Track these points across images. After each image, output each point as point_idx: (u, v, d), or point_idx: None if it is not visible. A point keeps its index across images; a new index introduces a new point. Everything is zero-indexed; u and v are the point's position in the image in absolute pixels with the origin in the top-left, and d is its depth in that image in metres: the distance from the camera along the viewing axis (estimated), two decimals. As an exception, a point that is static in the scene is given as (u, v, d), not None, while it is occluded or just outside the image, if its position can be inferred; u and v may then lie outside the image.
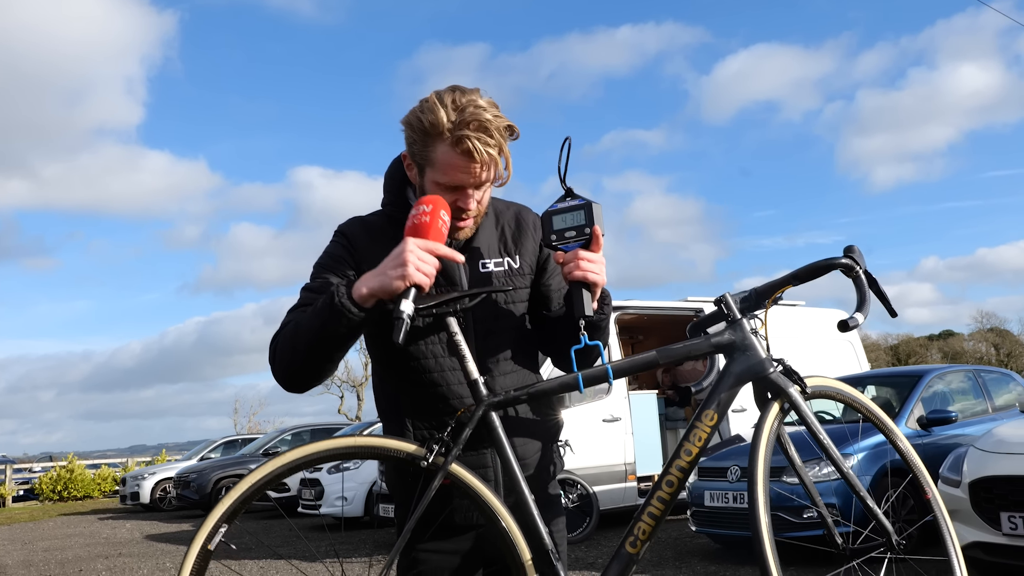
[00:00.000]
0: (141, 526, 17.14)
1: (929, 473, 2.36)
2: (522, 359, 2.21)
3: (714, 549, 8.95)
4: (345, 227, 2.21)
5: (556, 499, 2.27)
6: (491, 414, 2.00)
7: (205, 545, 1.91)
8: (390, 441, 1.99)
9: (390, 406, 2.19)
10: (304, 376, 2.06)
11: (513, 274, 2.19)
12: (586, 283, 2.05)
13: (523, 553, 1.94)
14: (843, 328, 2.08)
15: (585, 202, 2.07)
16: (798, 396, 2.08)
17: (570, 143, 2.05)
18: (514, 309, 2.19)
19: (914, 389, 8.69)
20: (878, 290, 2.17)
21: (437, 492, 1.95)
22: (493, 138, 1.98)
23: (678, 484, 2.03)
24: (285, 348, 2.03)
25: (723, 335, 2.12)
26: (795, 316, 12.89)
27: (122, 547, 13.26)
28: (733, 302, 2.13)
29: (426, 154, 2.04)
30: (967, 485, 5.76)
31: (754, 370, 2.08)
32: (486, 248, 2.18)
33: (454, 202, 2.04)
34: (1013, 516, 5.46)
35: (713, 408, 2.05)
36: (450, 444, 1.95)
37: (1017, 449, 5.74)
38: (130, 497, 21.69)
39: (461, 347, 2.00)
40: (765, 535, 1.93)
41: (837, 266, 2.13)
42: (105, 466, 31.10)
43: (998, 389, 9.55)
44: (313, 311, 1.98)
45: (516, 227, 2.24)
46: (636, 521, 2.02)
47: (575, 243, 2.06)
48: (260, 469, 1.96)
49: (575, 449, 10.01)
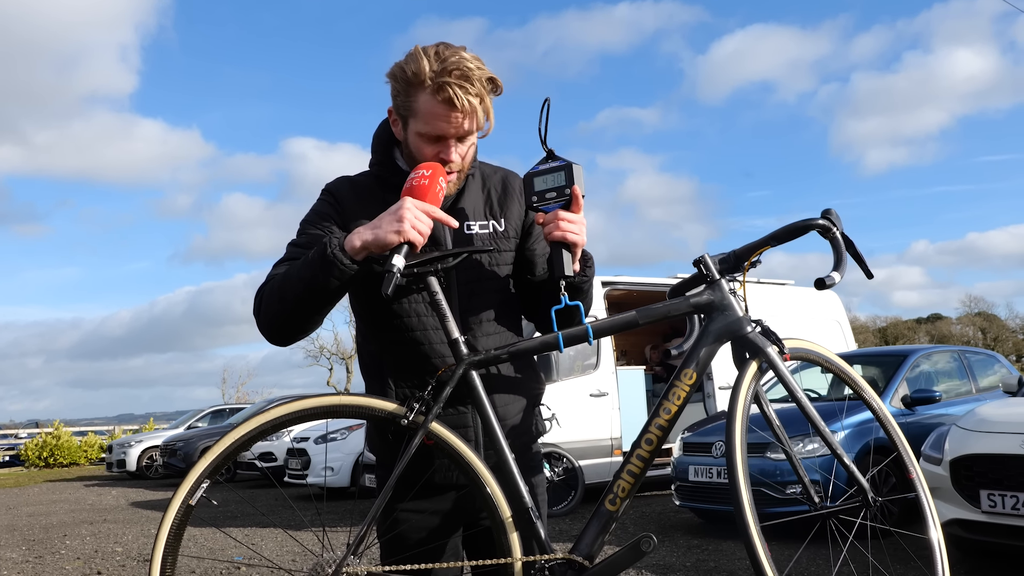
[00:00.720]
0: (127, 493, 17.17)
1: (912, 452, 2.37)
2: (505, 321, 2.22)
3: (698, 524, 9.00)
4: (333, 185, 2.22)
5: (537, 461, 2.28)
6: (472, 373, 2.01)
7: (187, 500, 1.93)
8: (372, 400, 2.00)
9: (373, 365, 2.20)
10: (290, 328, 2.08)
11: (498, 237, 2.19)
12: (566, 243, 2.07)
13: (503, 511, 1.96)
14: (819, 286, 2.08)
15: (565, 163, 2.09)
16: (776, 356, 2.09)
17: (549, 104, 2.06)
18: (498, 271, 2.19)
19: (899, 368, 8.73)
20: (855, 251, 2.18)
21: (418, 452, 1.96)
22: (474, 87, 1.99)
23: (657, 442, 2.04)
24: (272, 299, 2.04)
25: (702, 295, 2.14)
26: (783, 295, 12.93)
27: (107, 513, 13.29)
28: (712, 263, 2.15)
29: (409, 104, 2.05)
30: (948, 463, 5.79)
31: (731, 329, 2.10)
32: (471, 210, 2.19)
33: (437, 154, 2.06)
34: (992, 494, 5.51)
35: (692, 367, 2.07)
36: (430, 403, 1.97)
37: (998, 428, 5.78)
38: (116, 465, 21.70)
39: (442, 306, 2.01)
40: (743, 489, 1.92)
41: (814, 227, 2.14)
42: (92, 433, 31.09)
43: (983, 371, 9.61)
44: (304, 262, 1.99)
45: (503, 191, 2.25)
46: (616, 479, 2.03)
47: (555, 204, 2.08)
48: (243, 426, 1.97)
49: (561, 423, 10.04)
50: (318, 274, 1.95)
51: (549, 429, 2.35)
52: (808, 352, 2.26)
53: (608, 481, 2.06)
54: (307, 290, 1.98)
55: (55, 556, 9.11)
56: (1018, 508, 5.36)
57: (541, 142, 2.10)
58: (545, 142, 2.10)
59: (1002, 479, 5.49)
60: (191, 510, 1.95)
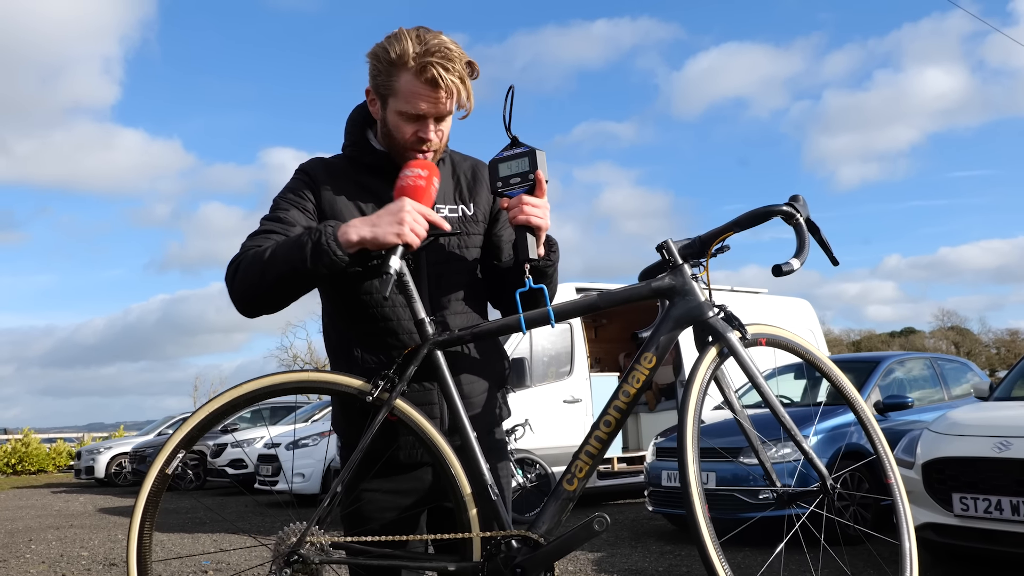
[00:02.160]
0: (94, 499, 16.93)
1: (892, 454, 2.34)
2: (473, 303, 2.25)
3: (671, 530, 8.96)
4: (307, 165, 2.26)
5: (501, 443, 2.29)
6: (436, 352, 2.05)
7: (163, 469, 2.02)
8: (338, 376, 2.07)
9: (340, 341, 2.22)
10: (264, 303, 2.11)
11: (467, 221, 2.24)
12: (530, 227, 2.09)
13: (463, 487, 2.00)
14: (776, 272, 2.07)
15: (529, 149, 2.12)
16: (737, 342, 2.08)
17: (513, 92, 2.11)
18: (466, 255, 2.23)
19: (871, 374, 8.75)
20: (820, 238, 2.17)
21: (383, 431, 2.00)
22: (456, 67, 2.04)
23: (615, 424, 2.05)
24: (252, 272, 2.05)
25: (664, 279, 2.13)
26: (756, 303, 12.95)
27: (74, 519, 13.08)
28: (675, 248, 2.14)
29: (390, 84, 2.09)
30: (920, 466, 5.79)
31: (693, 314, 2.10)
32: (441, 195, 2.21)
33: (415, 132, 2.11)
34: (964, 497, 5.50)
35: (652, 351, 2.07)
36: (395, 380, 2.01)
37: (970, 431, 5.78)
38: (84, 471, 21.40)
39: (409, 287, 2.06)
40: (692, 477, 1.94)
41: (777, 213, 2.12)
42: (61, 440, 30.66)
43: (956, 379, 9.65)
44: (294, 244, 2.01)
45: (472, 177, 2.30)
46: (574, 460, 2.06)
47: (520, 189, 2.12)
48: (217, 399, 2.06)
49: (535, 429, 9.99)
50: (308, 260, 1.97)
51: (522, 435, 2.36)
52: (777, 338, 2.22)
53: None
54: (292, 272, 2.00)
55: (19, 560, 8.95)
56: (991, 511, 5.36)
57: (505, 128, 2.14)
58: (509, 129, 2.14)
59: (975, 482, 5.49)
60: (167, 479, 2.03)
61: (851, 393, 2.33)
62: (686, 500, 1.93)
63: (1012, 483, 5.28)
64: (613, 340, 14.11)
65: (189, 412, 20.27)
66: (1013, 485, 5.27)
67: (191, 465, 18.22)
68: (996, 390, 7.01)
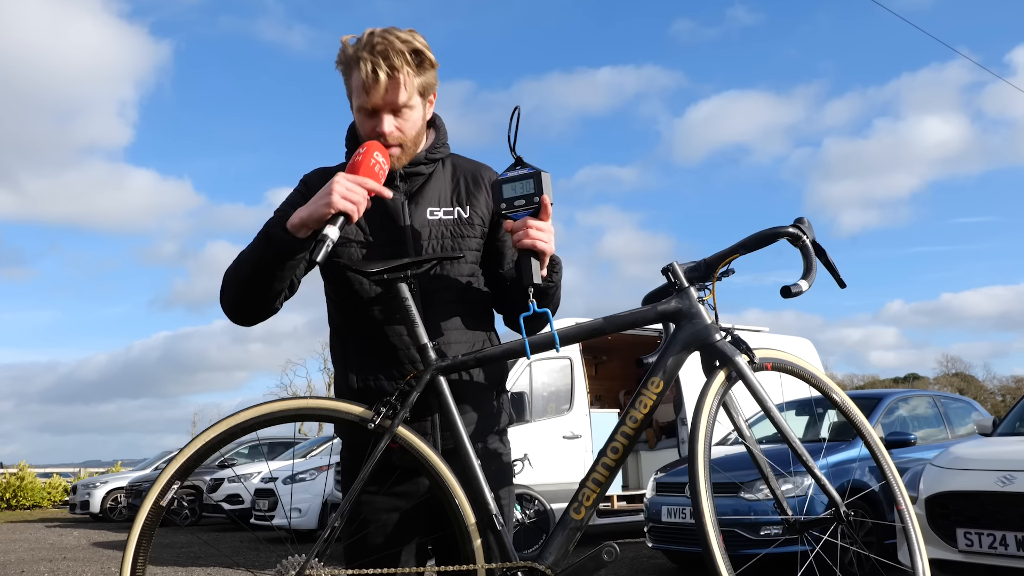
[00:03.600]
0: (89, 534, 16.75)
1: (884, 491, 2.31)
2: (472, 316, 2.22)
3: (671, 568, 8.84)
4: (307, 176, 2.30)
5: (506, 469, 2.25)
6: (439, 378, 2.03)
7: (158, 501, 1.96)
8: (338, 403, 2.04)
9: (342, 353, 2.21)
10: (246, 307, 2.15)
11: (461, 223, 2.21)
12: (535, 251, 2.06)
13: (467, 517, 1.96)
14: (785, 294, 2.04)
15: (534, 171, 2.08)
16: (745, 365, 2.04)
17: (519, 112, 2.09)
18: (464, 260, 2.20)
19: (874, 411, 8.68)
20: (827, 260, 2.14)
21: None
22: (389, 60, 2.04)
23: (623, 451, 2.02)
24: (229, 280, 2.13)
25: (670, 303, 2.10)
26: (759, 342, 12.91)
27: (67, 552, 12.93)
28: (680, 271, 2.11)
29: (348, 84, 2.14)
30: (923, 501, 5.71)
31: (700, 336, 2.06)
32: (436, 196, 2.21)
33: (373, 128, 2.12)
34: (968, 532, 5.42)
35: (659, 375, 2.04)
36: (397, 407, 1.98)
37: (973, 465, 5.72)
38: (80, 506, 21.20)
39: (412, 312, 2.03)
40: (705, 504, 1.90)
41: (784, 235, 2.10)
42: (56, 475, 30.45)
43: (959, 417, 9.57)
44: (253, 242, 2.08)
45: (472, 181, 2.27)
46: (581, 487, 2.01)
47: (524, 211, 2.08)
48: (214, 428, 2.01)
49: (534, 464, 9.90)
50: (263, 251, 2.03)
51: (521, 470, 2.34)
52: (784, 363, 2.19)
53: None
54: (253, 268, 2.05)
55: (8, 592, 8.81)
56: (995, 547, 5.28)
57: (510, 148, 2.11)
58: (514, 149, 2.11)
59: (978, 517, 5.41)
60: (162, 511, 1.96)
61: (859, 418, 2.28)
62: (700, 527, 1.89)
63: (1016, 517, 5.20)
64: (613, 377, 14.05)
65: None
66: (1017, 520, 5.20)
67: (187, 500, 18.07)
68: (999, 426, 6.94)
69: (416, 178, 2.20)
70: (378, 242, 2.15)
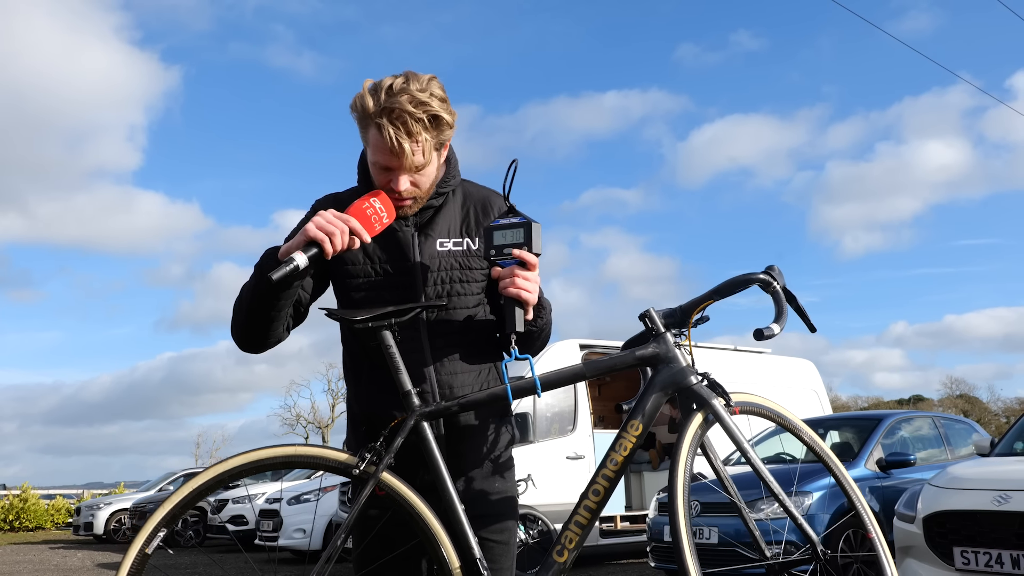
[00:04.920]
0: (93, 555, 16.76)
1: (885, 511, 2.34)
2: (476, 346, 2.27)
3: (672, 588, 8.87)
4: (319, 202, 2.35)
5: (507, 503, 2.28)
6: (423, 424, 2.08)
7: (143, 549, 1.96)
8: (325, 450, 2.09)
9: (358, 378, 2.28)
10: (253, 334, 2.22)
11: (470, 255, 2.25)
12: (519, 300, 2.13)
13: (452, 561, 2.01)
14: (758, 336, 2.12)
15: (525, 221, 2.15)
16: (722, 408, 2.10)
17: (516, 164, 2.18)
18: (470, 288, 2.25)
19: (874, 432, 8.74)
20: (797, 306, 2.23)
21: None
22: (411, 129, 2.06)
23: (604, 493, 2.08)
24: (236, 309, 2.22)
25: (647, 348, 2.17)
26: (761, 363, 12.98)
27: (72, 573, 12.97)
28: (657, 317, 2.19)
29: (364, 136, 2.18)
30: (921, 520, 5.78)
31: (676, 380, 2.13)
32: (446, 227, 2.26)
33: (387, 183, 2.16)
34: (966, 551, 5.48)
35: (639, 419, 2.10)
36: (382, 452, 2.04)
37: (970, 485, 5.78)
38: (83, 527, 21.16)
39: (396, 359, 2.10)
40: (684, 537, 1.95)
41: (755, 281, 2.19)
42: (60, 496, 30.43)
43: (959, 438, 9.62)
44: (253, 274, 2.17)
45: (482, 210, 2.31)
46: (564, 530, 2.07)
47: (512, 260, 2.14)
48: (203, 475, 2.04)
49: (537, 485, 9.95)
50: (259, 280, 2.12)
51: (525, 490, 2.40)
52: (757, 406, 2.27)
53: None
54: (252, 296, 2.14)
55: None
56: (991, 565, 5.34)
57: (504, 198, 2.20)
58: (508, 197, 2.20)
59: (975, 535, 5.47)
60: (147, 559, 1.98)
61: (823, 450, 2.35)
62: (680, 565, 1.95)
63: (1012, 536, 5.27)
64: (616, 398, 14.09)
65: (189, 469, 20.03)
66: (1013, 539, 5.26)
67: (191, 522, 18.10)
68: (997, 446, 7.01)
69: (426, 211, 2.25)
70: (388, 274, 2.21)
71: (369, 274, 2.21)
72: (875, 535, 2.28)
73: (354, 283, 2.22)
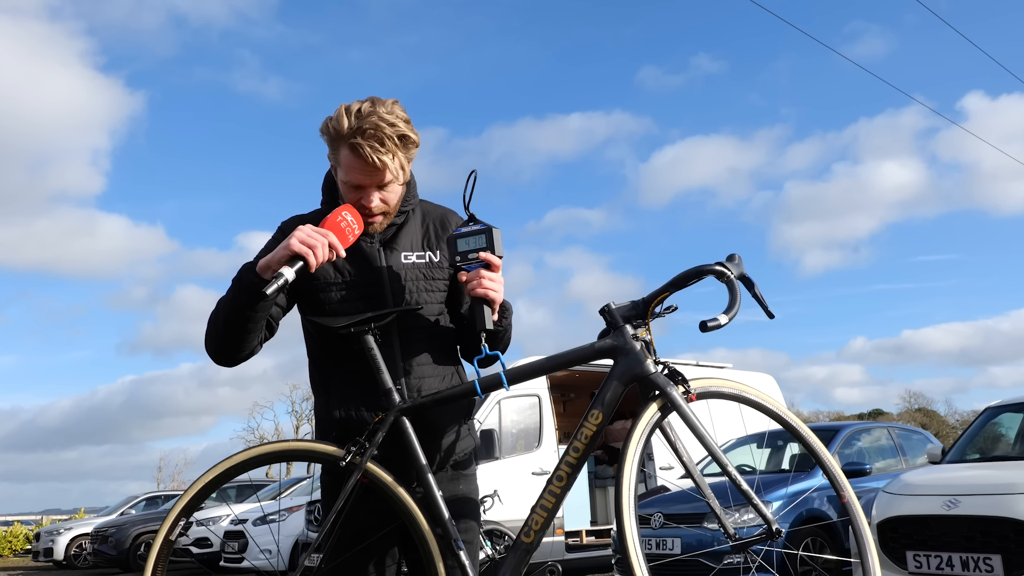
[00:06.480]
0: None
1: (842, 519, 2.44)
2: (441, 351, 2.44)
3: (637, 600, 8.97)
4: (285, 223, 2.48)
5: (473, 486, 2.48)
6: (402, 419, 2.26)
7: (167, 536, 2.26)
8: (314, 444, 2.30)
9: (322, 386, 2.43)
10: (228, 348, 2.35)
11: (432, 266, 2.43)
12: (487, 299, 2.29)
13: (431, 541, 2.20)
14: (703, 328, 2.17)
15: (486, 227, 2.32)
16: (679, 396, 2.17)
17: (475, 176, 2.34)
18: (433, 297, 2.41)
19: (831, 442, 8.95)
20: (755, 293, 2.28)
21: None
22: (384, 145, 2.23)
23: (567, 479, 2.21)
24: (211, 325, 2.34)
25: (606, 340, 2.27)
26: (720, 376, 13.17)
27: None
28: (615, 310, 2.27)
29: (335, 157, 2.33)
30: (875, 526, 5.96)
31: (635, 370, 2.20)
32: (409, 242, 2.43)
33: (358, 200, 2.32)
34: (918, 554, 5.68)
35: (599, 408, 2.21)
36: (366, 445, 2.22)
37: (922, 491, 5.99)
38: (43, 553, 20.82)
39: (377, 360, 2.27)
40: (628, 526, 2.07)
41: (709, 272, 2.25)
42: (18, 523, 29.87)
43: (914, 448, 9.87)
44: (230, 289, 2.29)
45: (440, 226, 2.48)
46: (531, 514, 2.21)
47: (477, 264, 2.30)
48: (213, 469, 2.27)
49: (503, 500, 10.04)
50: (237, 294, 2.25)
51: (491, 506, 2.56)
52: (719, 390, 2.30)
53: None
54: (230, 310, 2.27)
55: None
56: (943, 568, 5.53)
57: (464, 207, 2.36)
58: (468, 207, 2.35)
59: (927, 539, 5.68)
60: (171, 544, 2.28)
61: (793, 421, 2.38)
62: (624, 554, 2.07)
63: (961, 539, 5.47)
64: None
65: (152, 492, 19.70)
66: (962, 541, 5.46)
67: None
68: (948, 453, 7.24)
69: (389, 228, 2.42)
70: (357, 284, 2.36)
71: (341, 286, 2.35)
72: (849, 499, 2.34)
73: (326, 296, 2.36)
